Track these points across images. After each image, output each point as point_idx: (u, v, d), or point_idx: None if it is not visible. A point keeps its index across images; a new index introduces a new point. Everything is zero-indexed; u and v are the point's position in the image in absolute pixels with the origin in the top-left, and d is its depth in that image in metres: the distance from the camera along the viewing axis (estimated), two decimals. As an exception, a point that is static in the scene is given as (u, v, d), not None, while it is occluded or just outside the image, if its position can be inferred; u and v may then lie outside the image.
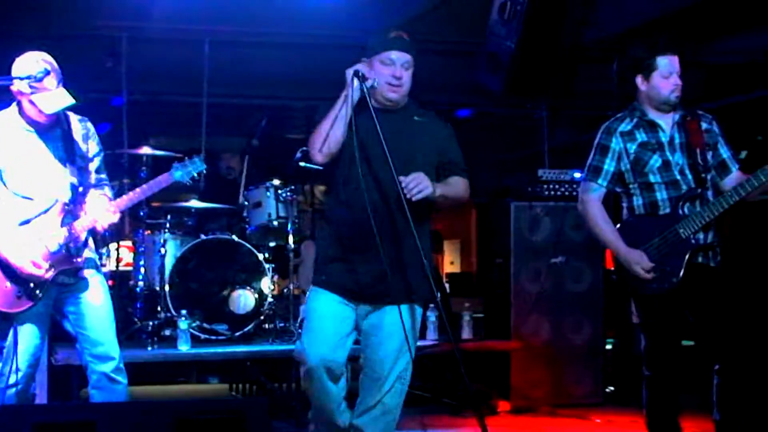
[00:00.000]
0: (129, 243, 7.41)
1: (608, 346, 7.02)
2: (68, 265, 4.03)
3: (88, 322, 4.08)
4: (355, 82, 3.71)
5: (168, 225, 6.48)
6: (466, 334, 6.50)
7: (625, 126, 4.28)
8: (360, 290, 3.87)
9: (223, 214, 6.95)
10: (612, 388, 6.82)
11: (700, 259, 4.19)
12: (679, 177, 4.20)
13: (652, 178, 4.22)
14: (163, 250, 6.25)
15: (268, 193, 6.48)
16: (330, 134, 3.71)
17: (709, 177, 4.23)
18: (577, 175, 6.56)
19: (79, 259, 4.06)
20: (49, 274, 3.97)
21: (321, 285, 3.92)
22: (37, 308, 3.99)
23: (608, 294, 6.64)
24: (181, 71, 7.59)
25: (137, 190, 4.18)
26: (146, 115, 8.56)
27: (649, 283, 4.15)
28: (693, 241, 4.13)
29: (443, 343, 6.22)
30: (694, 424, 5.58)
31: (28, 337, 3.98)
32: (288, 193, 6.51)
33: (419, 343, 6.05)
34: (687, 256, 4.12)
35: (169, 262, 6.24)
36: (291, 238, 6.50)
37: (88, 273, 4.11)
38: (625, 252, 4.17)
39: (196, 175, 4.29)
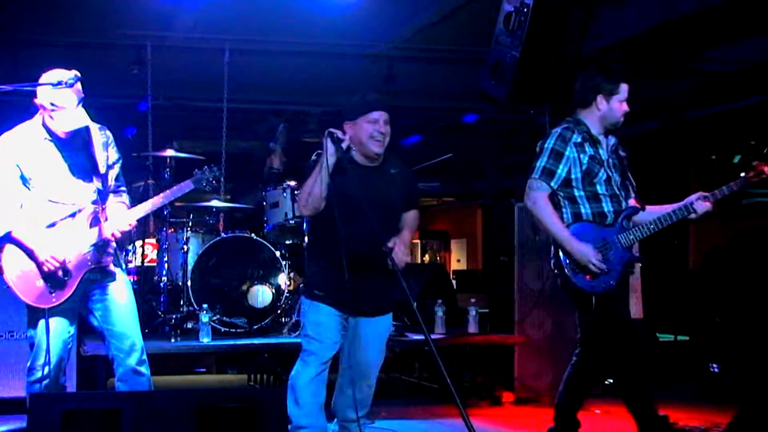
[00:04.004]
0: (153, 240, 7.44)
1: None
2: (97, 264, 4.07)
3: (113, 318, 4.10)
4: (330, 145, 4.02)
5: (190, 224, 6.50)
6: (472, 328, 6.50)
7: (577, 137, 4.42)
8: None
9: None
10: (611, 381, 6.81)
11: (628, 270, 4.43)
12: (618, 192, 4.44)
13: (599, 189, 4.40)
14: (185, 248, 6.26)
15: (285, 194, 6.49)
16: (313, 193, 4.07)
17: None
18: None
19: (109, 258, 4.10)
20: (79, 272, 4.01)
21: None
22: (67, 304, 4.02)
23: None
24: (203, 78, 7.62)
25: (160, 195, 4.23)
26: (170, 119, 8.60)
27: (588, 281, 4.31)
28: (630, 253, 4.39)
29: (450, 337, 6.22)
30: (687, 415, 5.60)
31: (58, 331, 4.01)
32: (304, 194, 6.51)
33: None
34: (624, 265, 4.35)
35: (191, 259, 6.26)
36: (306, 237, 6.51)
37: (113, 269, 4.14)
38: (579, 247, 4.29)
39: (214, 181, 4.38)
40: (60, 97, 3.90)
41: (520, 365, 6.45)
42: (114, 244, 4.18)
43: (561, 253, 4.33)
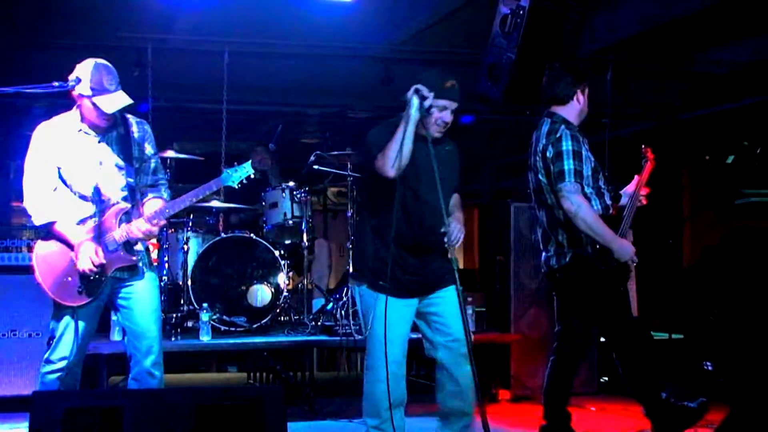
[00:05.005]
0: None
1: (602, 339, 7.02)
2: (124, 263, 4.01)
3: (135, 317, 4.06)
4: (415, 100, 3.85)
5: (190, 224, 6.51)
6: (469, 327, 6.51)
7: (578, 135, 4.46)
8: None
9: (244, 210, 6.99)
10: (606, 378, 6.83)
11: None
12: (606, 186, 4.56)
13: (600, 184, 4.48)
14: (186, 247, 6.28)
15: (284, 194, 6.51)
16: (404, 148, 3.86)
17: None
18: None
19: (135, 257, 4.04)
20: (107, 270, 3.97)
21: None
22: (92, 303, 3.99)
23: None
24: (203, 79, 7.62)
25: (189, 194, 4.10)
26: (170, 120, 8.58)
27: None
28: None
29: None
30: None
31: (80, 329, 3.98)
32: (302, 194, 6.53)
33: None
34: None
35: (191, 259, 6.27)
36: (305, 237, 6.52)
37: (141, 267, 4.08)
38: (622, 244, 4.38)
39: (245, 179, 4.26)
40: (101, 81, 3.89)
41: (517, 363, 6.47)
42: (140, 243, 4.09)
43: (598, 250, 4.36)
